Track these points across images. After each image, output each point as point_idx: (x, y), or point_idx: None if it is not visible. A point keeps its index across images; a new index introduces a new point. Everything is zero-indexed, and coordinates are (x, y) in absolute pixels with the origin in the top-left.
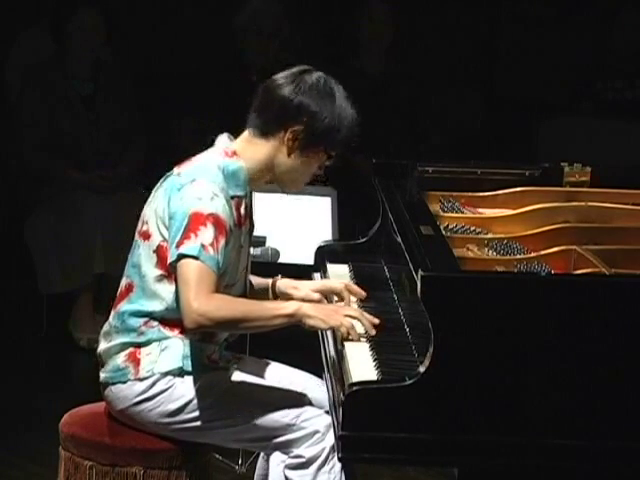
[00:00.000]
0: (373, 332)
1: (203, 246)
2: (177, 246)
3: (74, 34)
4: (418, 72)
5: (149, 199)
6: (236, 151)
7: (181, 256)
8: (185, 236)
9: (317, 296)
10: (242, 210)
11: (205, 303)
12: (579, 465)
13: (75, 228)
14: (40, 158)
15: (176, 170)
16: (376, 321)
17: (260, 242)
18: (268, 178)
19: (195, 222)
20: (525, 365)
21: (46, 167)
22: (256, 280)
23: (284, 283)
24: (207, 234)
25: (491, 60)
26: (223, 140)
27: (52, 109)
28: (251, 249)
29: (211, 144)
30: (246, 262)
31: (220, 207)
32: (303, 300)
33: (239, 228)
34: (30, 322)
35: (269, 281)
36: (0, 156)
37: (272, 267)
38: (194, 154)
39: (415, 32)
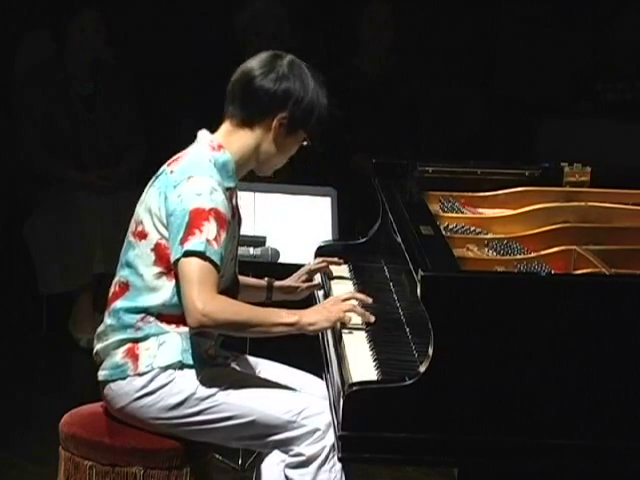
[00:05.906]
0: (372, 319)
1: (208, 241)
2: (181, 243)
3: (74, 34)
4: (418, 72)
5: (141, 199)
6: (221, 144)
7: (187, 253)
8: (189, 232)
9: (316, 281)
10: (234, 201)
11: (209, 304)
12: (579, 465)
13: (75, 228)
14: (40, 158)
15: (167, 168)
16: (369, 300)
17: (260, 242)
18: (251, 167)
19: (197, 218)
20: (525, 365)
21: (46, 167)
22: (245, 279)
23: (279, 286)
24: (211, 229)
25: (491, 60)
26: (205, 135)
27: (52, 109)
28: (251, 249)
29: (193, 140)
30: (235, 253)
31: (220, 201)
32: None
33: (233, 219)
34: (30, 322)
35: (262, 282)
36: (0, 156)
37: (272, 267)
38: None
39: (415, 32)
